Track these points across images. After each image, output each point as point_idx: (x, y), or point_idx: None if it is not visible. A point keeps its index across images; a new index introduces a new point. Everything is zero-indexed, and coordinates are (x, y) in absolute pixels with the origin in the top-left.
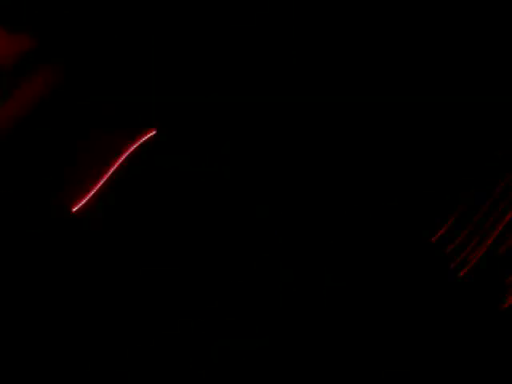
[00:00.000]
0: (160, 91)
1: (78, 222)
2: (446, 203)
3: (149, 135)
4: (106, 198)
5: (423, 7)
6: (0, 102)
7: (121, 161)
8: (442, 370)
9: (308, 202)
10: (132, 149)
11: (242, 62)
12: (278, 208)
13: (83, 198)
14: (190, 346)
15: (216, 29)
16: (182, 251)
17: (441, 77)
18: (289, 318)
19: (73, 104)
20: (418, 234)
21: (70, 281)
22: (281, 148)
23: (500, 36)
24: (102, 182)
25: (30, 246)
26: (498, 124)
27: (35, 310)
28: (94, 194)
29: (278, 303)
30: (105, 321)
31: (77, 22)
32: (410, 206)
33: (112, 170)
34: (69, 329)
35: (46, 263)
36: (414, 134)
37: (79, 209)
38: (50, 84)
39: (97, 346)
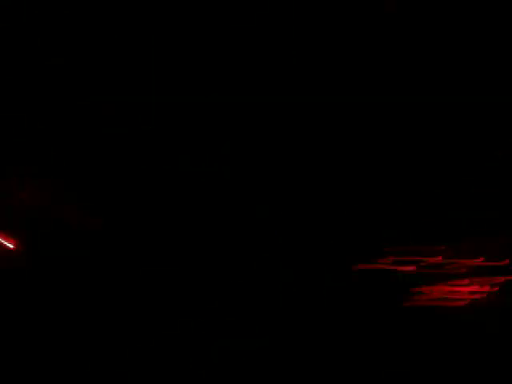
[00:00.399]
0: (160, 91)
1: (77, 221)
2: (445, 201)
3: None
4: (106, 198)
5: (423, 8)
6: None
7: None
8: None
9: (308, 203)
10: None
11: (242, 62)
12: (278, 208)
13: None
14: (190, 346)
15: (216, 29)
16: (182, 251)
17: (441, 77)
18: (289, 318)
19: (73, 104)
20: (417, 234)
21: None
22: (281, 148)
23: (500, 36)
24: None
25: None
26: (497, 124)
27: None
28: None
29: (278, 303)
30: (105, 321)
31: (77, 21)
32: (409, 204)
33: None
34: (69, 329)
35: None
36: (414, 134)
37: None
38: None
39: (97, 347)
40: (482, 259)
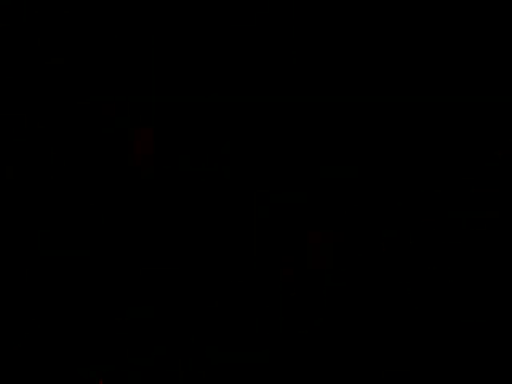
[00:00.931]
0: (160, 91)
1: (78, 222)
2: (444, 202)
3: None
4: (105, 198)
5: (423, 7)
6: None
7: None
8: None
9: (308, 202)
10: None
11: (243, 61)
12: (279, 208)
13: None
14: (190, 346)
15: (216, 28)
16: (182, 252)
17: (441, 77)
18: (289, 318)
19: (73, 104)
20: (416, 234)
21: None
22: (281, 148)
23: (500, 36)
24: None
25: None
26: (497, 124)
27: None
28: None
29: (278, 304)
30: (105, 321)
31: (77, 21)
32: (409, 204)
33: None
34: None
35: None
36: (414, 134)
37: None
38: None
39: (97, 347)
40: None
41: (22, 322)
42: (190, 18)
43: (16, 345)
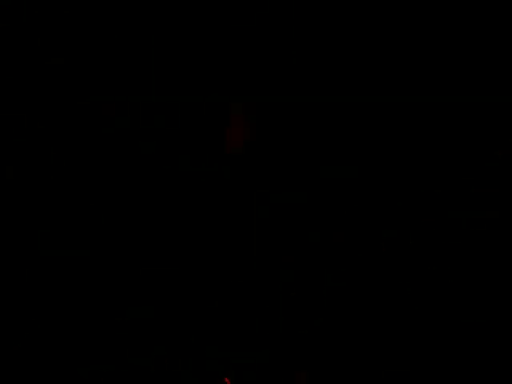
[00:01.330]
0: (160, 91)
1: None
2: (444, 202)
3: None
4: (105, 198)
5: (423, 7)
6: None
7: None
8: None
9: (308, 202)
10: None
11: (242, 61)
12: (279, 208)
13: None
14: (189, 346)
15: (216, 28)
16: (182, 251)
17: (441, 77)
18: (289, 318)
19: (73, 104)
20: (416, 234)
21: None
22: (281, 147)
23: (500, 36)
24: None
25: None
26: (497, 124)
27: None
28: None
29: (278, 304)
30: (105, 321)
31: (77, 21)
32: (409, 204)
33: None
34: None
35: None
36: (414, 134)
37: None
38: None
39: (97, 347)
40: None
41: (22, 322)
42: (190, 17)
43: (16, 345)
